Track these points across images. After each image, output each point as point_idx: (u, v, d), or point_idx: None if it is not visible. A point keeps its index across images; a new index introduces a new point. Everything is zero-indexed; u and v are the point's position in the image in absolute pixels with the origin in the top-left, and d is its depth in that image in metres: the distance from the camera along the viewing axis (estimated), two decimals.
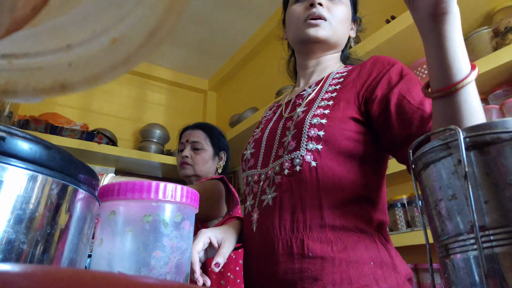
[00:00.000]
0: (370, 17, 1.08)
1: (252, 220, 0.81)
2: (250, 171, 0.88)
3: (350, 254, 0.69)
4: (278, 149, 0.82)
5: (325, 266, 0.68)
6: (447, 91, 0.54)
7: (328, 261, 0.68)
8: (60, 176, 0.36)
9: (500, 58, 1.20)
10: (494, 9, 1.36)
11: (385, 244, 0.73)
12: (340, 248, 0.69)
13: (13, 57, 0.21)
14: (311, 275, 0.68)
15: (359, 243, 0.70)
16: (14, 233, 0.31)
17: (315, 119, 0.77)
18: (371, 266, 0.69)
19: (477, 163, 0.36)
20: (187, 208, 0.59)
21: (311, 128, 0.76)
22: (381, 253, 0.71)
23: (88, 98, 2.98)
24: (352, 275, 0.67)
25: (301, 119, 0.80)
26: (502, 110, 1.24)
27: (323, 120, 0.76)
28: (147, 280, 0.14)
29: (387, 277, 0.69)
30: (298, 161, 0.76)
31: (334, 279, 0.67)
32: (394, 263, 0.71)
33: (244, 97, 3.05)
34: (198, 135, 1.63)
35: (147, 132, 2.93)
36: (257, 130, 0.96)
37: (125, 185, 0.55)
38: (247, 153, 0.92)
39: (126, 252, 0.53)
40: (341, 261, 0.68)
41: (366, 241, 0.71)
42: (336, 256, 0.69)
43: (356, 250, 0.69)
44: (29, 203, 0.33)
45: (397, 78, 0.75)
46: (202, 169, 1.60)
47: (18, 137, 0.33)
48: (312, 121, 0.77)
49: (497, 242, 0.34)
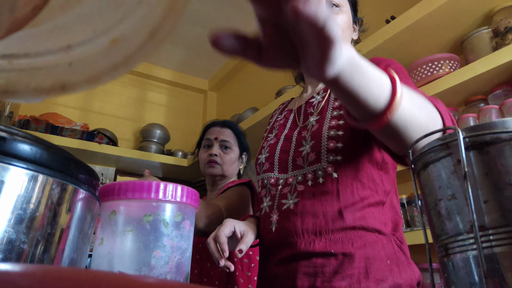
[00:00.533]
0: (370, 17, 1.08)
1: (272, 221, 0.84)
2: (266, 174, 0.91)
3: (368, 251, 0.74)
4: (295, 158, 0.85)
5: (345, 261, 0.73)
6: (375, 128, 0.50)
7: (348, 256, 0.73)
8: (61, 176, 0.36)
9: (499, 58, 1.20)
10: (493, 9, 1.36)
11: (400, 246, 0.78)
12: (359, 245, 0.74)
13: (14, 57, 0.21)
14: (332, 270, 0.73)
15: (377, 242, 0.75)
16: (15, 233, 0.31)
17: (332, 132, 0.80)
18: (388, 264, 0.73)
19: (476, 163, 0.36)
20: (187, 208, 0.59)
21: (329, 141, 0.80)
22: (396, 253, 0.76)
23: (88, 98, 2.98)
24: (370, 269, 0.72)
25: (317, 130, 0.83)
26: (501, 110, 1.24)
27: (339, 132, 0.79)
28: (148, 280, 0.14)
29: (403, 272, 0.74)
30: (320, 173, 0.80)
31: (352, 273, 0.72)
32: (409, 261, 0.77)
33: (244, 97, 3.05)
34: (228, 134, 1.58)
35: (147, 132, 2.93)
36: (271, 135, 0.98)
37: (125, 185, 0.55)
38: (261, 157, 0.95)
39: (127, 252, 0.53)
40: (360, 257, 0.73)
41: (383, 241, 0.76)
42: (356, 253, 0.73)
43: (374, 248, 0.74)
44: (29, 203, 0.33)
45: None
46: (229, 169, 1.56)
47: (18, 137, 0.33)
48: (329, 134, 0.80)
49: (497, 242, 0.34)
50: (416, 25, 1.45)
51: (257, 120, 2.25)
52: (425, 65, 1.43)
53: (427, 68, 1.42)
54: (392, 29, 1.51)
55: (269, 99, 2.45)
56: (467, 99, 1.41)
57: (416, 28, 1.47)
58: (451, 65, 1.40)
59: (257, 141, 2.64)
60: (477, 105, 1.37)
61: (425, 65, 1.43)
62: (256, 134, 2.37)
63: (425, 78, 1.42)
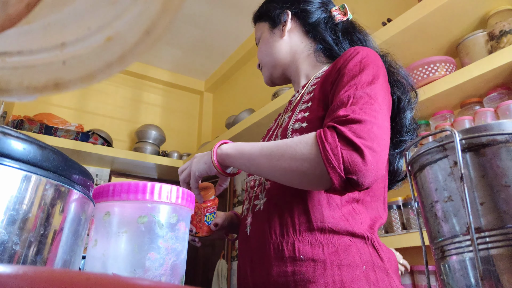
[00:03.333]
0: (366, 20, 1.08)
1: (247, 224, 0.83)
2: (249, 178, 0.91)
3: (342, 257, 0.69)
4: None
5: (317, 269, 0.68)
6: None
7: (319, 263, 0.69)
8: (54, 177, 0.35)
9: (495, 61, 1.21)
10: (489, 13, 1.37)
11: (377, 248, 0.73)
12: (331, 251, 0.69)
13: (7, 55, 0.21)
14: (304, 278, 0.69)
15: (350, 247, 0.70)
16: (7, 234, 0.31)
17: (297, 124, 0.78)
18: (363, 270, 0.69)
19: (473, 165, 0.36)
20: (182, 210, 0.58)
21: (293, 134, 0.77)
22: (372, 257, 0.71)
23: (83, 99, 2.97)
24: (345, 278, 0.67)
25: (285, 125, 0.82)
26: (497, 112, 1.25)
27: (303, 124, 0.77)
28: (142, 282, 0.14)
29: (380, 280, 0.69)
30: None
31: (326, 281, 0.67)
32: (385, 267, 0.71)
33: (240, 99, 3.05)
34: None
35: (142, 133, 2.92)
36: (261, 141, 0.98)
37: (120, 186, 0.54)
38: None
39: (121, 254, 0.52)
40: (332, 263, 0.68)
41: (358, 245, 0.71)
42: (328, 259, 0.69)
43: (348, 254, 0.69)
44: (22, 204, 0.32)
45: (347, 79, 0.73)
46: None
47: (12, 137, 0.33)
48: (294, 127, 0.78)
49: (493, 244, 0.34)
50: (412, 28, 1.46)
51: (253, 122, 2.25)
52: (421, 68, 1.43)
53: (423, 70, 1.43)
54: (388, 31, 1.52)
55: (266, 100, 2.45)
56: (462, 101, 1.42)
57: (412, 30, 1.47)
58: (447, 68, 1.41)
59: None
60: (472, 107, 1.38)
61: (421, 68, 1.43)
62: (252, 135, 2.37)
63: (421, 80, 1.43)
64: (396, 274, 0.74)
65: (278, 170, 0.67)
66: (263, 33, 0.99)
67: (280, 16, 0.96)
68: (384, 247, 0.76)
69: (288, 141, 0.67)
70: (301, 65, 0.94)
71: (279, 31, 0.96)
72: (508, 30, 1.27)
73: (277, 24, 0.97)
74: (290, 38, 0.95)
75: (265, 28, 0.99)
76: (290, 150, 0.66)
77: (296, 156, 0.65)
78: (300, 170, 0.65)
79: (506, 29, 1.27)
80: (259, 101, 2.63)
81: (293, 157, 0.65)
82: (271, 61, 0.96)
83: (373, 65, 0.74)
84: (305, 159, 0.64)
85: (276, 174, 0.68)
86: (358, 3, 1.98)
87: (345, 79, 0.72)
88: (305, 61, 0.94)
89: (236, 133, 2.40)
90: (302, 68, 0.94)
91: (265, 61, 0.97)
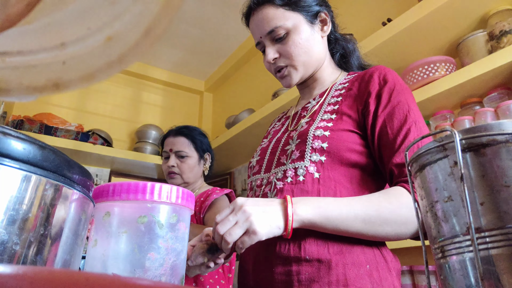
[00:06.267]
0: (366, 20, 1.09)
1: None
2: (254, 177, 0.90)
3: (347, 256, 0.70)
4: (280, 156, 0.85)
5: (322, 268, 0.70)
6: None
7: (324, 263, 0.70)
8: (54, 177, 0.35)
9: (495, 61, 1.21)
10: (489, 13, 1.37)
11: (380, 248, 0.75)
12: (336, 251, 0.71)
13: (7, 55, 0.21)
14: (308, 277, 0.70)
15: (355, 246, 0.72)
16: (7, 234, 0.31)
17: (319, 131, 0.79)
18: (367, 269, 0.70)
19: (473, 165, 0.36)
20: (182, 210, 0.58)
21: (315, 140, 0.79)
22: (376, 257, 0.73)
23: (83, 99, 2.97)
24: (349, 277, 0.69)
25: (304, 130, 0.83)
26: (497, 112, 1.25)
27: (326, 133, 0.78)
28: (142, 282, 0.14)
29: (383, 279, 0.70)
30: (302, 171, 0.78)
31: (330, 280, 0.68)
32: (389, 266, 0.73)
33: (240, 99, 3.05)
34: (181, 142, 1.65)
35: (142, 133, 2.92)
36: (265, 140, 0.99)
37: (119, 186, 0.54)
38: (253, 161, 0.95)
39: (121, 254, 0.52)
40: (337, 263, 0.70)
41: (362, 245, 0.72)
42: (333, 258, 0.70)
43: (353, 253, 0.71)
44: (22, 204, 0.32)
45: (386, 100, 0.78)
46: (190, 176, 1.64)
47: (11, 137, 0.33)
48: (315, 133, 0.79)
49: (493, 244, 0.34)
50: (412, 28, 1.46)
51: (253, 122, 2.25)
52: (421, 68, 1.43)
53: (423, 70, 1.42)
54: (389, 31, 1.52)
55: (266, 100, 2.45)
56: (462, 101, 1.42)
57: (412, 30, 1.47)
58: (447, 68, 1.41)
59: (253, 143, 2.64)
60: (472, 107, 1.38)
61: (421, 68, 1.43)
62: (252, 135, 2.37)
63: (421, 80, 1.43)
64: (398, 275, 0.75)
65: (380, 234, 0.69)
66: (299, 26, 0.87)
67: (321, 13, 0.91)
68: (387, 248, 0.78)
69: (385, 204, 0.68)
70: (323, 71, 0.94)
71: (318, 29, 0.91)
72: (508, 30, 1.27)
73: (313, 21, 0.90)
74: (323, 40, 0.93)
75: (299, 21, 0.87)
76: (393, 216, 0.67)
77: (401, 220, 0.68)
78: (406, 233, 0.69)
79: (506, 29, 1.27)
80: (259, 101, 2.63)
81: (398, 222, 0.68)
82: (309, 61, 0.89)
83: (406, 88, 0.81)
84: (411, 222, 0.68)
85: (375, 236, 0.69)
86: (358, 3, 1.98)
87: (398, 113, 0.76)
88: (327, 67, 0.95)
89: (236, 133, 2.40)
90: (323, 74, 0.94)
91: (302, 59, 0.87)
